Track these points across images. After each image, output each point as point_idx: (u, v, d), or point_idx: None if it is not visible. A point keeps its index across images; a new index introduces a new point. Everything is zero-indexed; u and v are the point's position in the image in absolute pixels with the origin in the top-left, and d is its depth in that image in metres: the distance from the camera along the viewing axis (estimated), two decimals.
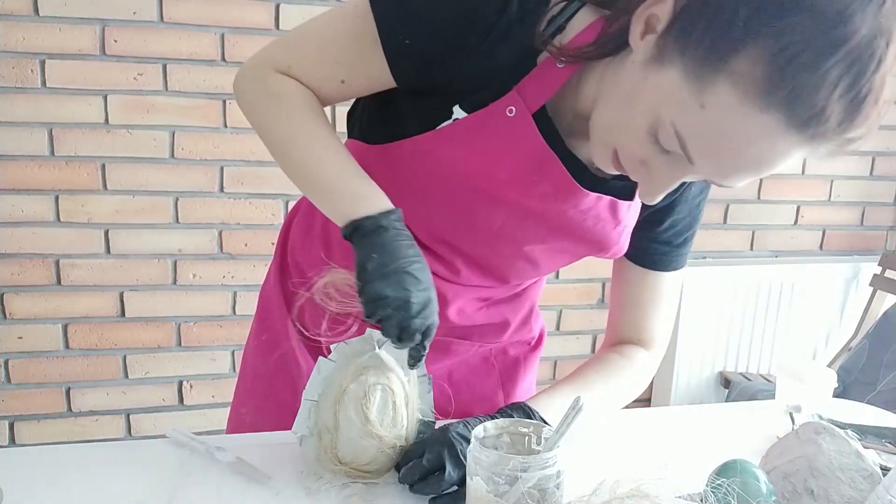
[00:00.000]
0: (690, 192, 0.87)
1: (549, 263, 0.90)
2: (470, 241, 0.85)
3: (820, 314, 2.51)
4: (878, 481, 0.70)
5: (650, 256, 0.91)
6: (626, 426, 0.98)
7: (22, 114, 1.85)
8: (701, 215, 0.91)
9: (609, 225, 0.83)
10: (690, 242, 0.92)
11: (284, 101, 0.78)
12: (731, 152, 0.61)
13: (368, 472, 0.78)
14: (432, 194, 0.81)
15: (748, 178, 0.65)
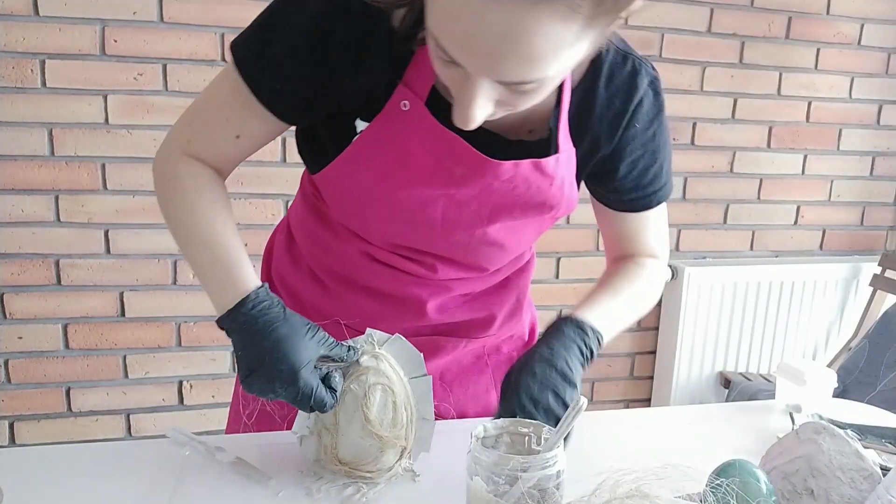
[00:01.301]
0: (634, 129, 0.83)
1: (514, 240, 0.89)
2: (426, 240, 0.85)
3: (820, 314, 2.51)
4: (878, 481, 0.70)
5: (623, 203, 0.91)
6: (626, 426, 0.98)
7: (22, 114, 1.85)
8: (664, 146, 0.87)
9: (543, 184, 0.81)
10: (662, 175, 0.89)
11: (173, 186, 0.81)
12: (474, 38, 0.56)
13: (368, 472, 0.78)
14: (374, 207, 0.82)
15: (520, 68, 0.57)
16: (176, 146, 0.82)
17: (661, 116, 0.85)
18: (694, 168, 2.38)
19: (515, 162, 0.77)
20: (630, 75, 0.81)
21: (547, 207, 0.84)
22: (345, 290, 0.92)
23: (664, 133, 0.86)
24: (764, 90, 2.37)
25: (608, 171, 0.86)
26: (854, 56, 2.43)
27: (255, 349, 0.73)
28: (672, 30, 2.25)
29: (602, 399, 2.50)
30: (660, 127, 0.85)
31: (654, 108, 0.84)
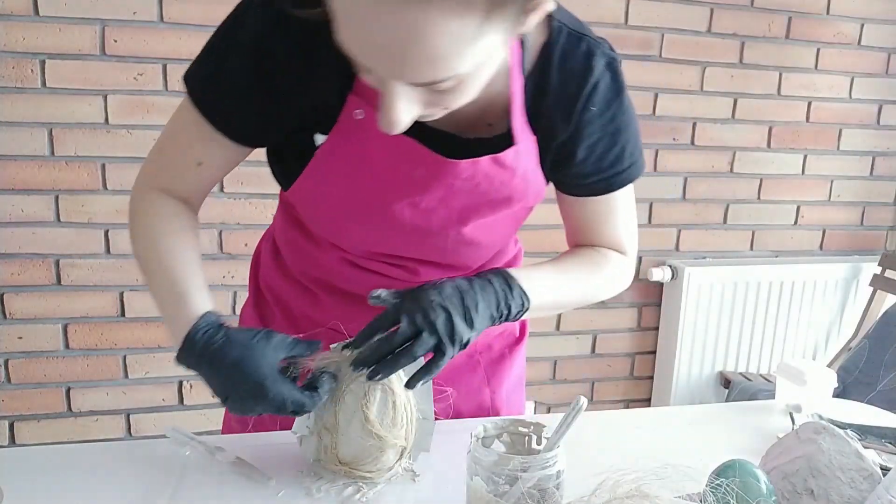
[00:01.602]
0: (591, 112, 0.80)
1: (491, 236, 0.88)
2: (401, 246, 0.85)
3: (820, 314, 2.51)
4: (878, 481, 0.70)
5: (584, 187, 0.88)
6: (626, 426, 0.98)
7: (22, 114, 1.85)
8: (626, 128, 0.84)
9: (505, 178, 0.80)
10: (625, 158, 0.85)
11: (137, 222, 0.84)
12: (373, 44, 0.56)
13: (368, 472, 0.78)
14: (345, 219, 0.83)
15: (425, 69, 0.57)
16: (144, 182, 0.85)
17: (621, 98, 0.82)
18: (694, 168, 2.38)
19: (473, 160, 0.77)
20: (584, 57, 0.79)
21: (514, 200, 0.83)
22: (330, 297, 0.93)
23: (625, 115, 0.83)
24: (764, 90, 2.37)
25: (567, 155, 0.83)
26: (854, 56, 2.43)
27: (218, 378, 0.73)
28: (672, 30, 2.25)
29: (602, 399, 2.50)
30: (620, 109, 0.82)
31: (613, 90, 0.81)
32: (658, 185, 2.36)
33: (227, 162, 0.84)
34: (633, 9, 2.19)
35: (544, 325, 2.36)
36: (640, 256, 2.41)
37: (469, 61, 0.57)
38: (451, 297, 0.75)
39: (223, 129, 0.79)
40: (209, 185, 0.86)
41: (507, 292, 0.80)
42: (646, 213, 2.37)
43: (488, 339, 1.02)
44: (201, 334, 0.74)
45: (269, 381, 0.71)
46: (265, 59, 0.73)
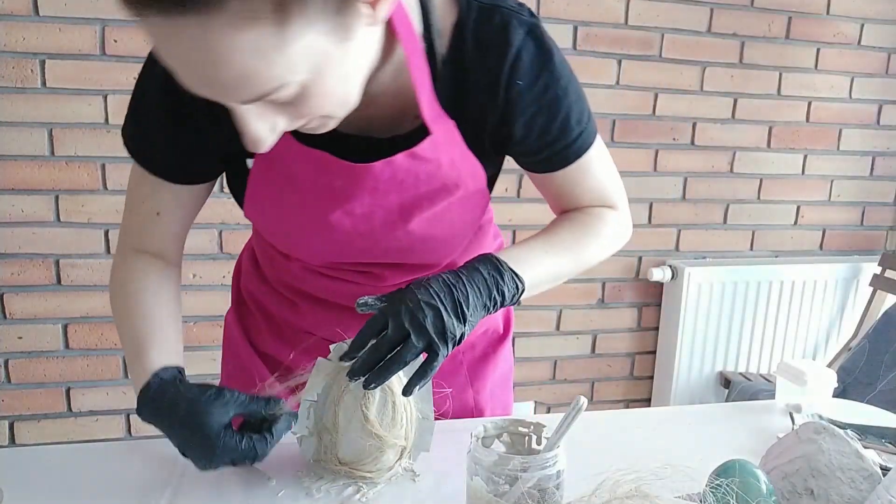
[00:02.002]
0: (517, 87, 0.75)
1: (445, 229, 0.84)
2: (356, 253, 0.85)
3: (820, 314, 2.51)
4: (878, 481, 0.70)
5: (539, 164, 0.84)
6: (626, 426, 0.98)
7: (22, 114, 1.85)
8: (565, 95, 0.77)
9: (430, 169, 0.77)
10: (571, 126, 0.80)
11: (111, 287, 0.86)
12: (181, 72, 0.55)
13: (368, 472, 0.78)
14: (293, 235, 0.84)
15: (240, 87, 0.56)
16: (120, 245, 0.87)
17: (551, 65, 0.76)
18: (694, 168, 2.38)
19: (387, 159, 0.75)
20: (500, 30, 0.74)
21: (450, 189, 0.79)
22: (306, 303, 0.94)
23: (560, 81, 0.77)
24: (764, 90, 2.37)
25: (505, 136, 0.79)
26: (854, 56, 2.43)
27: (171, 434, 0.74)
28: (672, 30, 2.25)
29: (602, 399, 2.50)
30: (551, 77, 0.76)
31: (539, 59, 0.75)
32: (658, 185, 2.36)
33: (181, 206, 0.85)
34: (633, 9, 2.19)
35: (544, 325, 2.37)
36: (640, 256, 2.41)
37: (291, 68, 0.55)
38: (439, 292, 0.72)
39: (159, 172, 0.81)
40: (177, 235, 0.87)
41: (498, 278, 0.76)
42: (646, 213, 2.37)
43: (472, 337, 1.00)
44: (153, 391, 0.74)
45: (215, 438, 0.71)
46: (174, 99, 0.72)
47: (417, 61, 0.73)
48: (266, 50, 0.53)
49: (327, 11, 0.55)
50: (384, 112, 0.76)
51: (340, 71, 0.60)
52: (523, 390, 2.40)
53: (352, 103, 0.66)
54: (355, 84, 0.65)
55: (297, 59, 0.55)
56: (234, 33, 0.51)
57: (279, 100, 0.58)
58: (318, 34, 0.55)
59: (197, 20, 0.50)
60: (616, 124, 2.27)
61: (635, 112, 2.28)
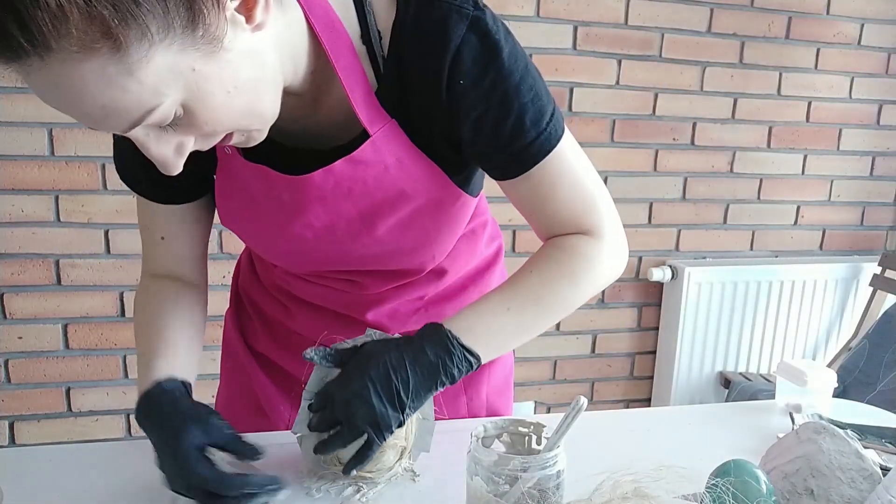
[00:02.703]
0: (460, 86, 0.70)
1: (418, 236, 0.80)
2: (331, 262, 0.84)
3: (820, 314, 2.51)
4: (878, 481, 0.70)
5: (496, 170, 0.77)
6: (626, 426, 0.98)
7: (22, 114, 1.85)
8: (517, 92, 0.70)
9: (377, 173, 0.74)
10: (527, 126, 0.72)
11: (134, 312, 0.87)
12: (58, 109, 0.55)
13: (368, 473, 0.78)
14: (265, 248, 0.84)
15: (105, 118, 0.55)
16: (142, 272, 0.90)
17: (499, 61, 0.69)
18: (694, 168, 2.38)
19: (326, 168, 0.72)
20: (438, 24, 0.68)
21: (409, 194, 0.75)
22: (295, 306, 0.94)
23: (510, 77, 0.70)
24: (764, 90, 2.37)
25: (454, 139, 0.74)
26: (854, 56, 2.43)
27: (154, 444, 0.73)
28: (672, 30, 2.25)
29: (602, 399, 2.50)
30: (499, 74, 0.69)
31: (484, 54, 0.68)
32: (658, 185, 2.36)
33: (184, 228, 0.85)
34: (633, 9, 2.19)
35: None
36: (640, 256, 2.41)
37: (154, 91, 0.54)
38: (377, 381, 0.69)
39: (146, 195, 0.82)
40: (186, 257, 0.88)
41: (447, 359, 0.71)
42: (646, 213, 2.37)
43: None
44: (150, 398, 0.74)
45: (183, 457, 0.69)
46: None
47: (347, 66, 0.70)
48: (114, 77, 0.52)
49: (174, 28, 0.53)
50: (329, 122, 0.74)
51: (224, 84, 0.58)
52: (523, 390, 2.40)
53: (268, 114, 0.64)
54: (262, 94, 0.62)
55: (156, 80, 0.54)
56: (75, 67, 0.51)
57: (164, 122, 0.57)
58: (173, 52, 0.54)
59: (37, 62, 0.50)
60: (616, 124, 2.27)
61: (635, 112, 2.28)
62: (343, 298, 0.90)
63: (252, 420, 0.97)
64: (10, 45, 0.49)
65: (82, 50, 0.50)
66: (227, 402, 1.03)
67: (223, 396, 1.05)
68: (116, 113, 0.55)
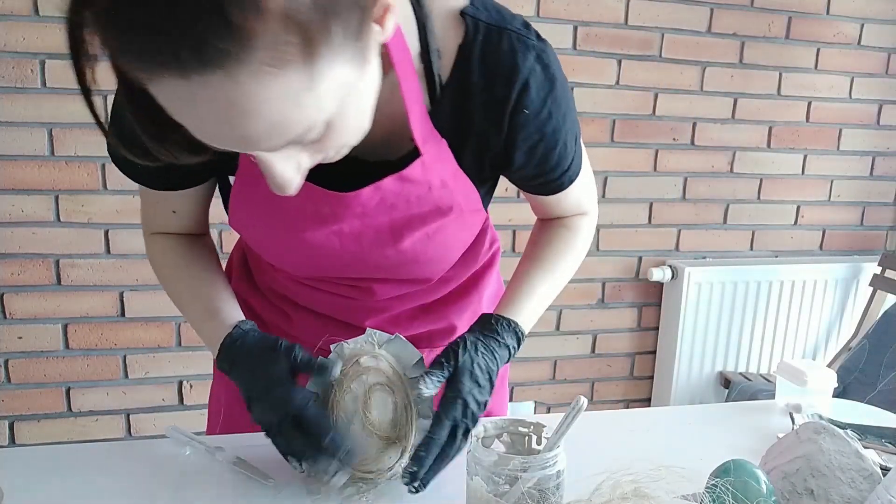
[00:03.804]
0: (524, 115, 0.73)
1: (438, 249, 0.83)
2: (345, 269, 0.84)
3: (820, 314, 2.51)
4: (878, 481, 0.70)
5: (533, 187, 0.85)
6: (626, 426, 0.98)
7: (22, 114, 1.85)
8: (564, 121, 0.76)
9: (420, 191, 0.75)
10: (567, 154, 0.79)
11: (155, 264, 0.91)
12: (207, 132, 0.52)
13: (369, 472, 0.78)
14: (280, 251, 0.83)
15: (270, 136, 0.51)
16: (145, 226, 0.90)
17: (555, 91, 0.74)
18: (694, 168, 2.38)
19: (375, 185, 0.72)
20: (508, 55, 0.70)
21: (444, 210, 0.77)
22: (295, 312, 0.93)
23: (562, 107, 0.75)
24: (764, 90, 2.37)
25: (505, 163, 0.78)
26: (854, 56, 2.43)
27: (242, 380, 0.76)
28: (672, 30, 2.25)
29: (602, 399, 2.50)
30: (555, 103, 0.74)
31: (546, 85, 0.72)
32: (658, 185, 2.36)
33: (196, 201, 0.85)
34: (633, 9, 2.19)
35: (544, 325, 2.36)
36: (640, 256, 2.41)
37: (321, 107, 0.51)
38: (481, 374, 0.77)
39: (157, 186, 0.81)
40: (199, 219, 0.89)
41: (515, 346, 0.83)
42: (646, 213, 2.37)
43: None
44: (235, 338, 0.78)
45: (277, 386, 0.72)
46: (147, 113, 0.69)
47: (410, 83, 0.70)
48: (297, 93, 0.49)
49: (349, 36, 0.50)
50: (377, 134, 0.73)
51: (361, 100, 0.57)
52: (523, 390, 2.40)
53: (366, 129, 0.61)
54: (371, 110, 0.60)
55: (327, 96, 0.51)
56: (263, 83, 0.46)
57: (306, 141, 0.54)
58: (344, 64, 0.51)
59: (221, 76, 0.45)
60: (616, 124, 2.27)
61: (635, 112, 2.28)
62: (346, 304, 0.90)
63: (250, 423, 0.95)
64: (202, 58, 0.44)
65: (276, 63, 0.46)
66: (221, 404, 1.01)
67: (216, 399, 1.03)
68: (280, 132, 0.51)
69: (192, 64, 0.45)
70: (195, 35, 0.44)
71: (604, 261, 2.37)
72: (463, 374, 0.76)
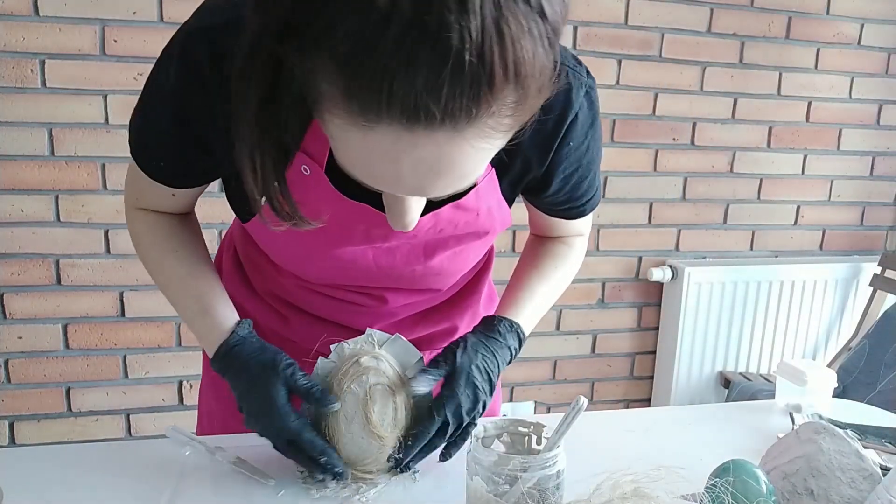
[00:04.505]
0: (568, 147, 0.77)
1: (459, 264, 0.87)
2: (365, 279, 0.84)
3: (820, 314, 2.51)
4: (878, 481, 0.70)
5: (555, 212, 0.88)
6: (626, 426, 0.98)
7: (22, 114, 1.85)
8: (597, 152, 0.81)
9: (469, 219, 0.78)
10: (595, 183, 0.85)
11: (139, 242, 0.85)
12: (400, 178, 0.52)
13: (369, 473, 0.78)
14: (305, 260, 0.82)
15: (454, 185, 0.54)
16: (129, 204, 0.86)
17: (595, 124, 0.79)
18: (694, 168, 2.38)
19: (434, 212, 0.73)
20: (564, 92, 0.72)
21: (481, 234, 0.81)
22: (295, 316, 0.92)
23: (598, 141, 0.80)
24: (764, 90, 2.37)
25: (541, 188, 0.82)
26: (854, 56, 2.43)
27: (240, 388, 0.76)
28: (672, 30, 2.25)
29: (602, 399, 2.50)
30: (594, 137, 0.79)
31: (589, 119, 0.77)
32: (658, 185, 2.36)
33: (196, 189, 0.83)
34: (633, 9, 2.19)
35: (544, 325, 2.36)
36: (640, 256, 2.41)
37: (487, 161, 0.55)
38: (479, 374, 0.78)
39: (165, 181, 0.79)
40: (193, 200, 0.86)
41: (516, 347, 0.84)
42: (646, 213, 2.37)
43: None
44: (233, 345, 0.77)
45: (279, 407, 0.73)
46: (187, 112, 0.70)
47: None
48: (491, 153, 0.52)
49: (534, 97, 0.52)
50: None
51: None
52: (523, 390, 2.40)
53: None
54: None
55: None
56: (477, 144, 0.49)
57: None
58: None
59: (450, 132, 0.47)
60: (616, 124, 2.27)
61: (635, 112, 2.28)
62: (354, 311, 0.89)
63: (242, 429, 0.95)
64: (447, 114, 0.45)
65: (497, 126, 0.48)
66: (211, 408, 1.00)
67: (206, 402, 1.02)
68: (461, 184, 0.53)
69: (429, 119, 0.46)
70: (453, 95, 0.44)
71: (604, 261, 2.37)
72: (460, 375, 0.77)
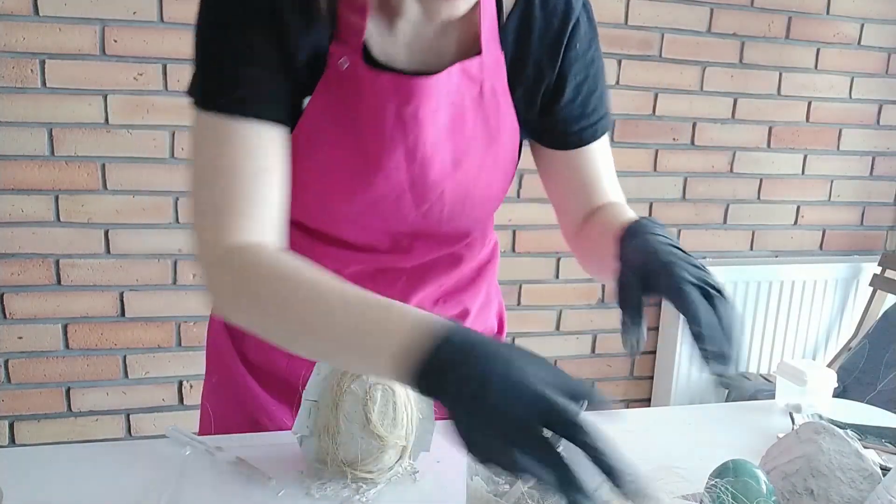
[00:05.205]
0: (575, 51, 0.83)
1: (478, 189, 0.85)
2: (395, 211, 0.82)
3: (820, 314, 2.51)
4: (878, 481, 0.70)
5: (570, 136, 0.87)
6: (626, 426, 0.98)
7: (22, 114, 1.85)
8: (602, 73, 0.87)
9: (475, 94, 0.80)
10: (604, 103, 0.88)
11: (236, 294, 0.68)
12: None
13: (369, 473, 0.78)
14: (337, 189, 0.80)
15: None
16: (209, 247, 0.70)
17: (597, 41, 0.86)
18: (694, 168, 2.38)
19: (446, 70, 0.77)
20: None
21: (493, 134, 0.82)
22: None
23: (601, 59, 0.87)
24: (764, 90, 2.37)
25: (555, 96, 0.84)
26: (854, 56, 2.43)
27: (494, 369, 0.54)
28: (672, 30, 2.25)
29: None
30: (597, 52, 0.86)
31: (590, 31, 0.84)
32: (658, 185, 2.36)
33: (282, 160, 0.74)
34: (633, 9, 2.19)
35: (544, 325, 2.36)
36: None
37: None
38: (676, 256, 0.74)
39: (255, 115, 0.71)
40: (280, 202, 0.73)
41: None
42: (646, 213, 2.37)
43: None
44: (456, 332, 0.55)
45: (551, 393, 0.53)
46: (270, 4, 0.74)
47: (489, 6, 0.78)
48: None
49: None
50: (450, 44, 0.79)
51: None
52: None
53: None
54: None
55: None
56: None
57: None
58: None
59: None
60: (616, 124, 2.27)
61: (635, 112, 2.28)
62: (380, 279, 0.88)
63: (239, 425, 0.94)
64: None
65: None
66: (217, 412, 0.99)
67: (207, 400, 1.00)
68: None
69: None
70: None
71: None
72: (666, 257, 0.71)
